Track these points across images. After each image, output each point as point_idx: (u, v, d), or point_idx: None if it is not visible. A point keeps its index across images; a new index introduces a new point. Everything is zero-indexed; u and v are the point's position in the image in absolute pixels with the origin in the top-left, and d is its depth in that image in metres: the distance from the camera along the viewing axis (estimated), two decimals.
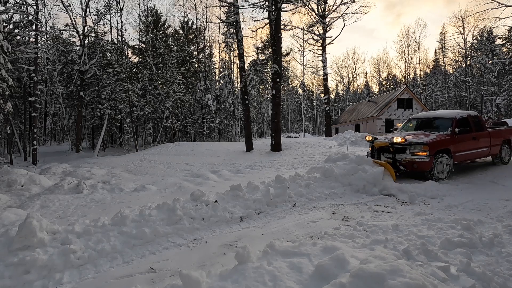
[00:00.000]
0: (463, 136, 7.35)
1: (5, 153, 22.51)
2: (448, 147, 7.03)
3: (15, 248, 3.35)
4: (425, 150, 6.64)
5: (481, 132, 7.90)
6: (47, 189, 8.10)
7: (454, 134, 7.23)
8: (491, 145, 8.08)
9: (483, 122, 8.19)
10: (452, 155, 7.07)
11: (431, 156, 6.65)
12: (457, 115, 7.69)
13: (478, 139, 7.73)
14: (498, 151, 8.44)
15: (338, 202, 5.38)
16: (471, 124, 7.75)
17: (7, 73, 12.56)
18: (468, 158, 7.71)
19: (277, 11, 13.65)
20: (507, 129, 9.06)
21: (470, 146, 7.54)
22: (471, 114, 8.03)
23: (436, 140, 6.92)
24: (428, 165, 6.67)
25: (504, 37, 42.20)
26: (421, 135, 7.28)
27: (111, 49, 24.40)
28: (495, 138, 8.28)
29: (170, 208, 4.37)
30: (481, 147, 7.82)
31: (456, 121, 7.51)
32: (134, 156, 15.28)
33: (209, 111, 32.10)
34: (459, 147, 7.24)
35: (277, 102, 14.26)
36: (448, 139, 7.11)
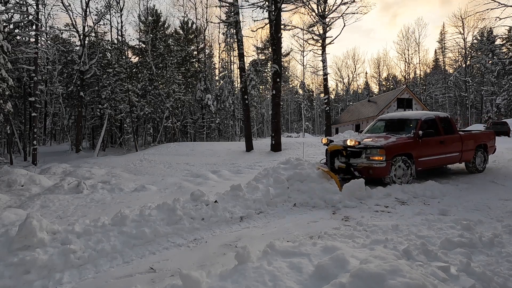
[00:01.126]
0: (428, 140, 6.72)
1: (5, 153, 22.51)
2: (410, 152, 6.41)
3: (15, 248, 3.35)
4: (381, 155, 6.01)
5: (451, 135, 7.21)
6: (47, 189, 8.11)
7: (417, 137, 6.60)
8: (463, 150, 7.32)
9: (454, 124, 7.54)
10: (414, 160, 6.44)
11: (388, 161, 6.03)
12: (423, 117, 7.07)
13: (447, 143, 7.05)
14: (471, 157, 7.60)
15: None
16: (440, 126, 7.11)
17: (7, 73, 12.57)
18: (434, 163, 7.02)
19: (277, 11, 13.65)
20: (483, 133, 8.23)
21: (437, 150, 6.89)
22: (440, 115, 7.41)
23: (395, 144, 6.32)
24: (384, 171, 6.06)
25: (504, 37, 42.22)
26: (381, 138, 6.68)
27: (111, 49, 24.41)
28: (468, 142, 7.50)
29: (170, 208, 4.37)
30: (451, 152, 7.13)
31: (420, 123, 6.86)
32: (134, 156, 15.29)
33: (209, 111, 32.11)
34: (422, 152, 6.62)
35: (277, 102, 14.27)
36: (409, 143, 6.51)
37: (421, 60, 66.02)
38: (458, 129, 8.07)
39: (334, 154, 6.76)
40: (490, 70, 43.15)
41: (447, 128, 7.29)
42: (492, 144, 8.18)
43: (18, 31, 18.67)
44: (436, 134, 6.96)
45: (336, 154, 6.74)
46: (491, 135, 8.25)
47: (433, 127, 7.04)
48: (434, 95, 53.18)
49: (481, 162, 7.87)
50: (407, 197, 5.46)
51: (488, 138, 8.11)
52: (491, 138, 8.22)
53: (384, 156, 6.02)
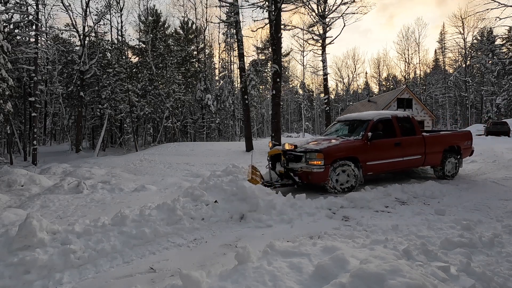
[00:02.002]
0: (379, 142, 6.22)
1: (5, 153, 22.51)
2: (355, 155, 5.98)
3: (15, 248, 3.35)
4: (319, 159, 5.65)
5: (410, 137, 6.67)
6: (47, 189, 8.10)
7: (366, 139, 6.12)
8: (426, 152, 6.72)
9: (417, 125, 6.93)
10: (361, 165, 6.03)
11: (326, 166, 5.66)
12: (376, 117, 6.59)
13: (405, 146, 6.50)
14: (439, 161, 6.96)
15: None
16: (397, 127, 6.59)
17: (7, 73, 12.57)
18: (388, 168, 6.47)
19: (277, 11, 13.65)
20: (454, 134, 7.51)
21: (391, 153, 6.37)
22: (398, 115, 6.84)
23: (336, 147, 5.93)
24: (323, 177, 5.67)
25: (504, 37, 42.23)
26: (326, 141, 6.31)
27: (111, 49, 24.40)
28: (433, 144, 6.86)
29: (170, 208, 4.37)
30: (410, 154, 6.56)
31: (372, 124, 6.39)
32: (134, 156, 15.28)
33: (209, 111, 32.11)
34: (372, 155, 6.12)
35: (277, 102, 14.26)
36: (355, 146, 6.06)
37: (421, 60, 66.06)
38: (429, 130, 7.58)
39: (277, 158, 6.47)
40: (490, 70, 43.16)
41: (407, 129, 6.74)
42: (467, 146, 7.46)
43: (18, 31, 18.67)
44: (391, 136, 6.49)
45: (278, 159, 6.44)
46: (465, 136, 7.52)
47: (389, 128, 6.59)
48: (434, 95, 53.17)
49: (452, 168, 7.16)
50: (407, 197, 5.46)
51: (462, 139, 7.38)
52: (466, 139, 7.47)
53: (323, 161, 5.64)
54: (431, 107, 51.74)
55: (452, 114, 51.38)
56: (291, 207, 4.80)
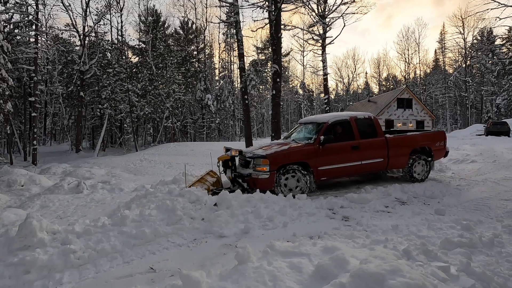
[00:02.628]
0: (333, 146, 5.94)
1: (5, 153, 22.51)
2: (305, 160, 5.74)
3: (15, 248, 3.35)
4: (265, 165, 5.47)
5: (370, 139, 6.32)
6: (47, 189, 8.10)
7: (318, 143, 5.84)
8: (389, 155, 6.38)
9: (379, 126, 6.55)
10: (312, 170, 5.78)
11: (272, 172, 5.47)
12: (331, 120, 6.27)
13: (364, 149, 6.18)
14: (405, 164, 6.62)
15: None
16: (355, 129, 6.26)
17: (7, 73, 12.57)
18: (343, 172, 6.18)
19: (277, 11, 13.65)
20: (422, 135, 7.01)
21: (347, 157, 6.07)
22: (358, 116, 6.49)
23: (283, 152, 5.71)
24: (268, 183, 5.46)
25: (504, 37, 42.24)
26: (278, 146, 6.13)
27: (111, 49, 24.41)
28: (398, 146, 6.51)
29: (170, 208, 4.37)
30: (370, 158, 6.23)
31: (325, 127, 6.09)
32: (134, 156, 15.28)
33: (209, 111, 32.12)
34: (324, 160, 5.85)
35: (277, 102, 14.25)
36: (305, 150, 5.81)
37: (421, 60, 66.09)
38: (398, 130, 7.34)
39: (226, 164, 6.26)
40: (490, 70, 43.17)
41: (367, 131, 6.39)
42: (439, 147, 6.99)
43: (18, 31, 18.67)
44: (348, 139, 6.20)
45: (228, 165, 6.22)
46: (437, 136, 7.05)
47: (346, 131, 6.31)
48: (434, 95, 53.18)
49: (422, 170, 6.76)
50: (407, 197, 5.46)
51: (433, 140, 6.93)
52: (438, 139, 6.99)
53: (268, 167, 5.45)
54: (431, 107, 51.75)
55: (452, 114, 51.39)
56: (291, 207, 4.81)
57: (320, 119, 6.53)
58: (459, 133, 30.82)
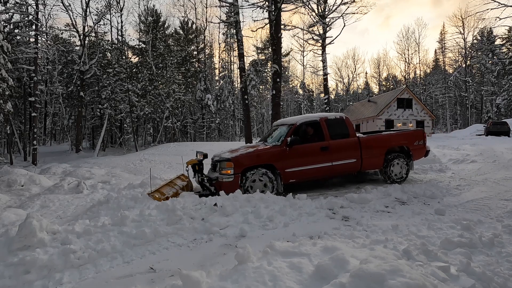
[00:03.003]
0: (301, 147, 5.85)
1: (5, 153, 22.51)
2: (271, 163, 5.65)
3: (15, 248, 3.35)
4: (229, 168, 5.43)
5: (341, 140, 6.16)
6: (47, 189, 8.10)
7: (285, 145, 5.77)
8: (362, 156, 6.23)
9: (351, 126, 6.39)
10: (279, 172, 5.69)
11: (236, 175, 5.42)
12: (300, 121, 6.18)
13: (334, 150, 6.03)
14: (380, 164, 6.43)
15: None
16: (325, 130, 6.12)
17: (7, 73, 12.57)
18: (313, 174, 6.00)
19: (277, 11, 13.65)
20: (398, 134, 6.80)
21: (316, 159, 5.94)
22: (329, 117, 6.32)
23: (247, 155, 5.66)
24: (232, 186, 5.36)
25: (504, 37, 42.26)
26: (246, 148, 6.10)
27: (111, 49, 24.43)
28: (372, 147, 6.35)
29: (170, 208, 4.37)
30: (341, 159, 6.08)
31: (293, 129, 6.00)
32: (134, 156, 15.28)
33: (209, 111, 32.13)
34: (292, 162, 5.76)
35: (277, 102, 14.26)
36: (271, 153, 5.73)
37: (421, 60, 66.18)
38: (375, 131, 7.18)
39: (194, 168, 6.23)
40: (490, 70, 43.18)
41: (338, 132, 6.24)
42: (418, 147, 6.75)
43: (18, 31, 18.69)
44: (318, 140, 6.09)
45: (197, 167, 6.21)
46: (415, 135, 6.81)
47: (316, 132, 6.21)
48: (434, 95, 53.19)
49: (401, 170, 6.57)
50: (407, 197, 5.46)
51: (410, 139, 6.70)
52: (416, 138, 6.76)
53: (232, 170, 5.41)
54: (431, 107, 51.76)
55: (452, 114, 51.40)
56: (291, 207, 4.81)
57: (290, 121, 6.42)
58: (459, 133, 30.82)
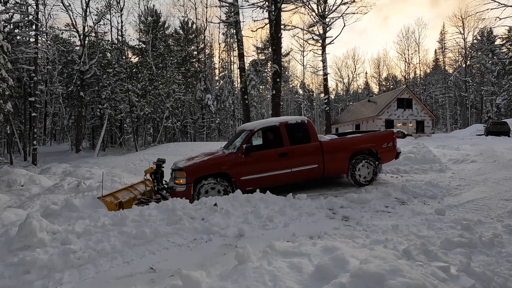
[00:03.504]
0: (258, 154, 5.73)
1: (5, 153, 22.51)
2: (226, 171, 5.51)
3: (15, 248, 3.35)
4: (181, 177, 5.31)
5: (302, 145, 5.97)
6: (47, 189, 8.10)
7: (241, 152, 5.61)
8: (325, 160, 6.02)
9: (313, 131, 6.15)
10: (234, 181, 5.54)
11: (189, 184, 5.29)
12: (258, 126, 6.02)
13: (294, 155, 5.85)
14: (345, 168, 6.21)
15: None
16: (284, 136, 5.92)
17: (7, 73, 12.57)
18: (271, 181, 5.75)
19: (277, 11, 13.65)
20: (364, 137, 6.62)
21: (274, 165, 5.76)
22: (289, 122, 6.08)
23: (201, 163, 5.52)
24: (186, 196, 5.15)
25: (504, 37, 42.26)
26: (203, 156, 5.95)
27: (111, 49, 24.43)
28: (335, 150, 6.15)
29: (170, 208, 4.37)
30: (301, 165, 5.89)
31: (250, 135, 5.83)
32: (134, 156, 15.28)
33: (209, 111, 32.13)
34: (247, 170, 5.60)
35: (277, 102, 14.26)
36: (225, 161, 5.59)
37: (421, 60, 66.23)
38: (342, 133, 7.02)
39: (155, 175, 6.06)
40: (490, 70, 43.17)
41: (299, 136, 6.05)
42: (387, 149, 6.49)
43: (18, 31, 18.69)
44: (277, 145, 5.94)
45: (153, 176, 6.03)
46: (383, 137, 6.55)
47: (276, 137, 6.06)
48: (434, 95, 53.19)
49: (369, 173, 6.35)
50: (407, 197, 5.46)
51: (378, 142, 6.47)
52: (384, 141, 6.49)
53: (184, 179, 5.28)
54: (431, 107, 51.75)
55: (452, 114, 51.39)
56: (291, 207, 4.81)
57: (249, 126, 6.21)
58: (459, 133, 30.82)
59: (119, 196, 5.50)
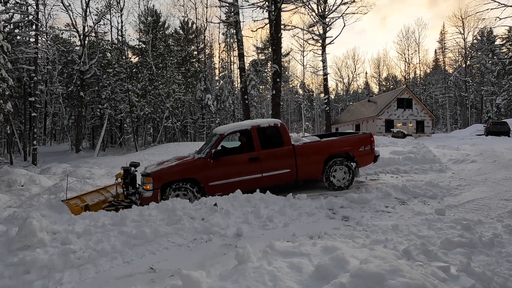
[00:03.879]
0: (227, 159, 5.64)
1: (5, 153, 22.51)
2: (193, 176, 5.40)
3: (15, 248, 3.35)
4: (148, 183, 5.23)
5: (273, 149, 5.85)
6: (47, 189, 8.10)
7: (210, 157, 5.50)
8: (298, 165, 5.89)
9: (286, 134, 5.99)
10: (202, 186, 5.43)
11: (155, 190, 5.20)
12: (228, 131, 5.89)
13: (266, 160, 5.71)
14: (319, 172, 6.08)
15: None
16: (255, 140, 5.79)
17: (7, 73, 12.56)
18: (240, 187, 5.43)
19: (277, 11, 13.65)
20: (340, 140, 6.47)
21: (244, 170, 5.64)
22: (261, 125, 5.93)
23: (168, 169, 5.43)
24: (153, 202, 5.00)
25: (504, 37, 42.27)
26: (173, 161, 5.85)
27: (111, 49, 24.42)
28: (308, 154, 6.03)
29: (170, 208, 4.37)
30: (273, 169, 5.77)
31: (220, 139, 5.73)
32: (134, 156, 15.27)
33: (209, 111, 32.11)
34: (216, 175, 5.49)
35: (277, 102, 14.26)
36: (193, 166, 5.49)
37: (421, 60, 66.14)
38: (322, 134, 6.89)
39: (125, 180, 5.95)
40: (490, 70, 43.16)
41: (272, 140, 5.93)
42: (365, 152, 6.35)
43: (18, 31, 18.68)
44: (248, 150, 5.84)
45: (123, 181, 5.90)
46: (360, 140, 6.40)
47: (247, 141, 5.97)
48: (434, 95, 53.17)
49: (344, 177, 6.20)
50: (407, 197, 5.46)
51: (355, 145, 6.32)
52: (361, 144, 6.35)
53: (151, 185, 5.20)
54: (431, 107, 51.73)
55: (452, 114, 51.38)
56: (291, 207, 4.81)
57: (220, 131, 6.07)
58: (459, 133, 30.83)
59: (86, 199, 5.34)
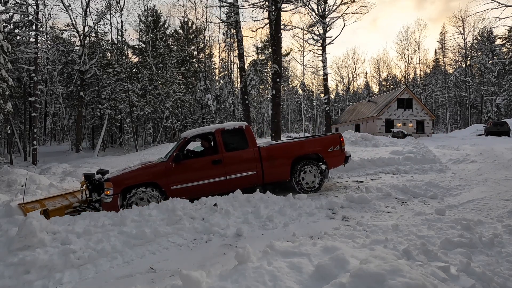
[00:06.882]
0: (189, 162, 5.61)
1: (5, 153, 22.51)
2: (154, 180, 5.35)
3: (15, 248, 3.35)
4: (108, 188, 5.15)
5: (237, 151, 5.80)
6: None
7: (172, 161, 5.46)
8: (263, 167, 5.80)
9: (251, 137, 5.94)
10: (164, 190, 5.37)
11: (115, 195, 5.12)
12: (191, 134, 5.89)
13: (229, 163, 5.66)
14: (287, 174, 5.96)
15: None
16: (219, 142, 5.75)
17: (7, 73, 12.57)
18: (204, 190, 5.48)
19: (277, 11, 13.64)
20: (306, 141, 6.36)
21: (207, 173, 5.58)
22: (225, 128, 5.90)
23: (128, 174, 5.38)
24: (113, 208, 5.06)
25: (504, 37, 42.28)
26: (138, 166, 5.82)
27: (111, 49, 24.43)
28: (274, 156, 5.91)
29: (170, 208, 4.37)
30: (237, 172, 5.69)
31: (182, 143, 5.73)
32: (134, 156, 15.28)
33: (209, 111, 32.12)
34: (178, 179, 5.43)
35: (277, 102, 14.25)
36: (154, 170, 5.44)
37: (421, 60, 66.20)
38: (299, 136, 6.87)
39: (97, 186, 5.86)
40: (490, 70, 43.17)
41: (236, 143, 5.88)
42: (334, 153, 6.17)
43: (18, 31, 18.70)
44: (212, 153, 5.82)
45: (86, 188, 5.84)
46: (329, 141, 6.23)
47: (211, 145, 5.99)
48: (434, 95, 53.18)
49: (313, 180, 6.04)
50: (407, 197, 5.47)
51: (324, 146, 6.16)
52: (331, 144, 6.18)
53: (111, 190, 5.12)
54: (431, 107, 51.75)
55: (452, 114, 51.38)
56: (290, 207, 4.81)
57: (184, 134, 6.03)
58: (459, 133, 30.82)
59: (46, 204, 5.21)
